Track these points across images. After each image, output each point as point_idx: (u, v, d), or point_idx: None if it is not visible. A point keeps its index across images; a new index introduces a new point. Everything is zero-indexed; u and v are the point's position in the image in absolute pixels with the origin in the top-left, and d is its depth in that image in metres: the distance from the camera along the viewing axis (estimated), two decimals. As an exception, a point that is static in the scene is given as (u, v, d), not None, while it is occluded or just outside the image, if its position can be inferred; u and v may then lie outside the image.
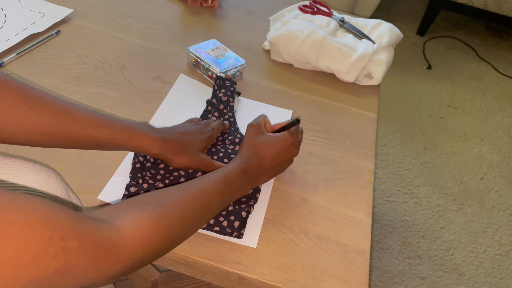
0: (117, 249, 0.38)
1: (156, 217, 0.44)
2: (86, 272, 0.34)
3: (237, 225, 0.60)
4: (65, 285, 0.33)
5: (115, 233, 0.38)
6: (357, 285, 0.60)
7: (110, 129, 0.56)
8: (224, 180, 0.56)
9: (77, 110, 0.55)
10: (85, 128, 0.55)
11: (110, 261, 0.37)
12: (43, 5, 0.98)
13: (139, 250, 0.41)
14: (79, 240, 0.33)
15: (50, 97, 0.53)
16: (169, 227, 0.45)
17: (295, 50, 0.94)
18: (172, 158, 0.63)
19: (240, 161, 0.61)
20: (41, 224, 0.31)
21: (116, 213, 0.41)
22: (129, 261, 0.40)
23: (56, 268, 0.31)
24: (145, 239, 0.41)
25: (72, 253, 0.33)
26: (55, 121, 0.52)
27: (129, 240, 0.39)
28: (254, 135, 0.64)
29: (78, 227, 0.34)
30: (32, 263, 0.30)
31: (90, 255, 0.35)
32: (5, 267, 0.28)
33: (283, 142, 0.64)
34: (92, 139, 0.56)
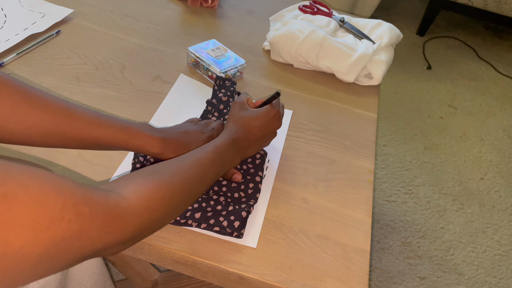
0: (125, 214, 0.41)
1: (157, 185, 0.46)
2: (99, 236, 0.37)
3: (237, 225, 0.60)
4: (82, 249, 0.36)
5: (122, 200, 0.41)
6: (357, 285, 0.60)
7: (110, 129, 0.57)
8: (215, 151, 0.58)
9: (77, 109, 0.55)
10: (85, 128, 0.55)
11: (120, 225, 0.40)
12: (43, 5, 0.98)
13: (145, 215, 0.43)
14: (90, 206, 0.36)
15: (51, 96, 0.54)
16: (170, 193, 0.48)
17: (295, 50, 0.94)
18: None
19: (228, 134, 0.63)
20: (54, 191, 0.33)
21: (120, 184, 0.44)
22: (137, 226, 0.42)
23: (72, 232, 0.34)
24: (150, 205, 0.44)
25: (85, 218, 0.35)
26: (55, 120, 0.53)
27: (135, 205, 0.42)
28: (238, 110, 0.67)
29: (87, 194, 0.36)
30: (50, 227, 0.32)
31: (102, 220, 0.37)
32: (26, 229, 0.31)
33: (266, 115, 0.67)
34: (93, 139, 0.56)
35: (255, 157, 0.72)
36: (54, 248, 0.33)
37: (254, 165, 0.71)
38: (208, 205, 0.62)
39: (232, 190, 0.66)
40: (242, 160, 0.71)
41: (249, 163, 0.71)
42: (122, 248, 0.44)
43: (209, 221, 0.61)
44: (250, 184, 0.68)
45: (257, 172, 0.70)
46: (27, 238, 0.31)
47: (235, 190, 0.66)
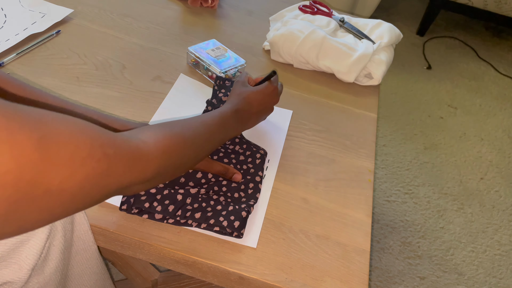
0: (145, 155, 0.45)
1: (171, 134, 0.51)
2: (124, 174, 0.42)
3: (237, 225, 0.60)
4: (110, 185, 0.40)
5: (141, 144, 0.45)
6: (357, 285, 0.60)
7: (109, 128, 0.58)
8: (220, 117, 0.63)
9: (77, 109, 0.58)
10: None
11: (141, 165, 0.44)
12: (43, 5, 0.98)
13: (162, 158, 0.48)
14: (114, 147, 0.40)
15: (51, 96, 0.55)
16: (183, 143, 0.52)
17: (295, 50, 0.94)
18: None
19: (231, 104, 0.67)
20: (83, 134, 0.37)
21: (137, 132, 0.48)
22: (156, 168, 0.47)
23: (102, 170, 0.38)
24: (166, 150, 0.48)
25: (111, 158, 0.39)
26: None
27: (153, 149, 0.46)
28: (241, 86, 0.72)
29: (111, 138, 0.40)
30: (83, 164, 0.36)
31: (126, 160, 0.42)
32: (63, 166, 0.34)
33: (266, 90, 0.72)
34: None
35: (255, 157, 0.72)
36: (88, 183, 0.37)
37: (254, 165, 0.71)
38: (208, 205, 0.62)
39: (232, 190, 0.66)
40: (242, 160, 0.71)
41: (249, 163, 0.71)
42: (143, 188, 0.48)
43: (209, 221, 0.61)
44: (250, 184, 0.68)
45: (257, 172, 0.70)
46: (65, 174, 0.34)
47: (235, 190, 0.66)
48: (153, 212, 0.60)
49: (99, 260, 0.69)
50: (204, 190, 0.64)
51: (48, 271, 0.57)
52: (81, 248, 0.62)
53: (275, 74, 0.73)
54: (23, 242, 0.52)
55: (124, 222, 0.61)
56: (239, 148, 0.73)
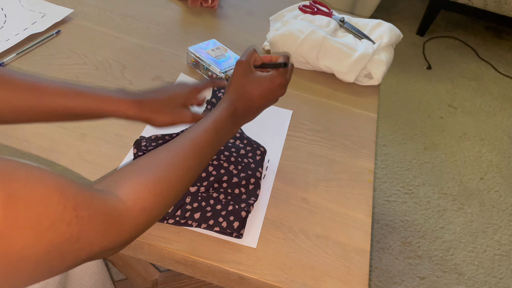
0: (122, 217, 0.41)
1: (153, 183, 0.46)
2: (97, 239, 0.38)
3: (237, 225, 0.60)
4: (79, 252, 0.36)
5: (119, 203, 0.41)
6: (357, 285, 0.60)
7: (80, 97, 0.56)
8: (214, 128, 0.55)
9: (45, 83, 0.55)
10: (54, 99, 0.55)
11: (117, 228, 0.40)
12: (43, 5, 0.98)
13: (141, 216, 0.43)
14: (89, 209, 0.36)
15: (18, 74, 0.54)
16: (167, 189, 0.47)
17: (295, 50, 0.94)
18: (151, 118, 0.61)
19: (228, 103, 0.59)
20: (57, 193, 0.34)
21: (115, 183, 0.44)
22: (134, 228, 0.43)
23: (71, 234, 0.34)
24: (146, 205, 0.44)
25: (84, 221, 0.36)
26: (23, 96, 0.53)
27: (132, 208, 0.42)
28: (243, 74, 0.61)
29: (87, 197, 0.37)
30: (51, 228, 0.33)
31: (100, 223, 0.38)
32: (28, 229, 0.31)
33: (271, 83, 0.61)
34: (64, 110, 0.55)
35: (255, 153, 0.72)
36: (54, 250, 0.33)
37: (255, 161, 0.71)
38: (207, 205, 0.62)
39: (233, 186, 0.66)
40: (242, 154, 0.71)
41: (249, 158, 0.71)
42: (118, 250, 0.44)
43: (208, 221, 0.61)
44: (251, 179, 0.67)
45: (257, 167, 0.70)
46: (29, 239, 0.31)
47: (236, 186, 0.66)
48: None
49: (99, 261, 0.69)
50: (204, 188, 0.64)
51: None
52: (81, 248, 0.62)
53: (286, 66, 0.61)
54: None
55: (124, 222, 0.61)
56: (240, 143, 0.73)
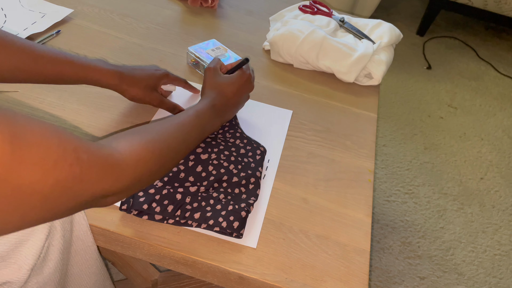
0: (119, 164, 0.44)
1: (146, 141, 0.50)
2: (98, 182, 0.41)
3: (236, 225, 0.60)
4: (82, 192, 0.40)
5: (115, 153, 0.45)
6: (357, 285, 0.60)
7: (70, 65, 0.64)
8: (196, 115, 0.62)
9: (41, 49, 0.62)
10: (49, 64, 0.62)
11: (116, 173, 0.43)
12: (43, 5, 0.98)
13: (138, 167, 0.47)
14: (87, 153, 0.40)
15: (17, 37, 0.60)
16: (159, 149, 0.52)
17: (295, 50, 0.94)
18: (126, 90, 0.71)
19: (207, 100, 0.67)
20: (55, 137, 0.37)
21: (111, 140, 0.48)
22: (131, 176, 0.46)
23: (74, 174, 0.38)
24: (141, 158, 0.48)
25: (84, 163, 0.39)
26: (22, 58, 0.59)
27: (128, 158, 0.46)
28: (213, 77, 0.71)
29: (84, 144, 0.40)
30: (55, 166, 0.36)
31: (99, 167, 0.41)
32: (35, 166, 0.34)
33: (240, 79, 0.72)
34: (56, 74, 0.64)
35: (255, 152, 0.72)
36: (59, 187, 0.37)
37: (255, 160, 0.71)
38: (207, 205, 0.62)
39: (233, 186, 0.66)
40: (243, 154, 0.71)
41: (250, 157, 0.71)
42: (118, 198, 0.47)
43: (208, 221, 0.61)
44: (251, 178, 0.67)
45: (257, 167, 0.70)
46: (37, 175, 0.34)
47: (236, 185, 0.66)
48: (152, 213, 0.60)
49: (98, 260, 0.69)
50: (203, 188, 0.64)
51: (47, 271, 0.57)
52: (81, 248, 0.62)
53: (247, 61, 0.72)
54: (22, 242, 0.52)
55: (124, 222, 0.61)
56: (240, 142, 0.73)
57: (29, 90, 0.77)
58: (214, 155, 0.68)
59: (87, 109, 0.77)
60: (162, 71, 0.76)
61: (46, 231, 0.54)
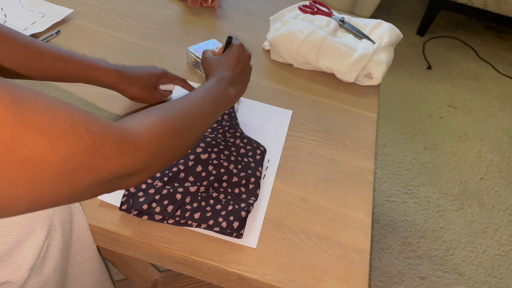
0: (133, 138, 0.43)
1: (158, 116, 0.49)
2: (113, 157, 0.39)
3: (236, 225, 0.60)
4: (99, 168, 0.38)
5: (128, 127, 0.43)
6: (357, 285, 0.60)
7: (72, 62, 0.65)
8: (205, 90, 0.61)
9: (43, 46, 0.62)
10: (51, 61, 0.63)
11: (131, 147, 0.42)
12: (43, 5, 0.98)
13: (153, 141, 0.45)
14: (99, 126, 0.38)
15: (20, 34, 0.60)
16: (172, 123, 0.50)
17: (295, 50, 0.94)
18: (127, 88, 0.72)
19: (212, 78, 0.66)
20: (63, 107, 0.35)
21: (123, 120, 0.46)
22: (148, 151, 0.44)
23: (86, 146, 0.36)
24: (155, 132, 0.46)
25: (96, 136, 0.37)
26: (25, 54, 0.60)
27: (141, 132, 0.44)
28: (210, 62, 0.72)
29: (94, 117, 0.38)
30: (64, 136, 0.34)
31: (112, 140, 0.39)
32: (41, 134, 0.32)
33: (233, 51, 0.72)
34: (57, 71, 0.64)
35: (255, 152, 0.72)
36: (72, 160, 0.35)
37: (255, 160, 0.71)
38: (207, 205, 0.62)
39: (233, 186, 0.66)
40: (243, 153, 0.71)
41: (249, 157, 0.71)
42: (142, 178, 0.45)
43: (208, 221, 0.61)
44: (251, 178, 0.67)
45: (257, 167, 0.70)
46: (44, 143, 0.32)
47: (236, 185, 0.66)
48: (152, 213, 0.60)
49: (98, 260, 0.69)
50: (203, 188, 0.64)
51: (47, 271, 0.57)
52: (80, 248, 0.62)
53: (231, 38, 0.73)
54: (22, 242, 0.52)
55: (124, 222, 0.61)
56: (240, 142, 0.73)
57: (29, 90, 0.77)
58: (214, 155, 0.68)
59: (87, 109, 0.76)
60: (161, 70, 0.77)
61: (45, 231, 0.54)
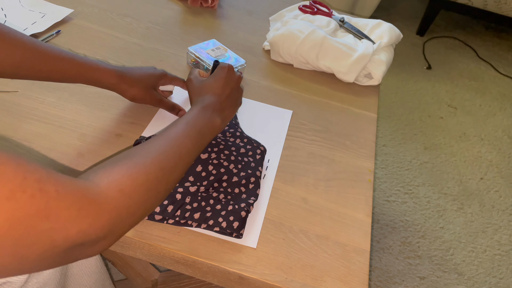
0: (97, 197, 0.38)
1: (128, 167, 0.44)
2: (71, 220, 0.34)
3: (236, 225, 0.60)
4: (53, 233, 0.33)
5: (92, 185, 0.38)
6: (357, 285, 0.60)
7: (72, 63, 0.65)
8: (186, 123, 0.57)
9: (44, 46, 0.63)
10: (51, 61, 0.63)
11: (94, 209, 0.37)
12: (43, 5, 0.98)
13: (120, 199, 0.40)
14: (56, 185, 0.34)
15: (20, 33, 0.60)
16: (145, 174, 0.45)
17: (295, 50, 0.94)
18: (126, 89, 0.71)
19: (196, 106, 0.62)
20: (13, 163, 0.31)
21: (89, 173, 0.42)
22: (113, 211, 0.39)
23: (37, 209, 0.32)
24: (123, 188, 0.41)
25: (51, 196, 0.33)
26: (25, 54, 0.60)
27: (107, 189, 0.39)
28: (195, 84, 0.68)
29: (52, 174, 0.34)
30: (10, 198, 0.30)
31: (71, 201, 0.34)
32: None
33: (221, 72, 0.67)
34: (57, 72, 0.64)
35: (255, 152, 0.72)
36: (19, 225, 0.31)
37: (255, 160, 0.71)
38: (207, 204, 0.62)
39: (233, 186, 0.66)
40: (243, 153, 0.71)
41: (249, 157, 0.71)
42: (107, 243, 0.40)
43: (208, 221, 0.61)
44: (251, 178, 0.67)
45: (257, 166, 0.70)
46: None
47: (236, 185, 0.66)
48: (152, 213, 0.60)
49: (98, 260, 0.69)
50: (203, 188, 0.64)
51: (48, 271, 0.57)
52: (81, 248, 0.62)
53: (218, 62, 0.70)
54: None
55: (124, 222, 0.61)
56: (240, 142, 0.73)
57: (29, 90, 0.77)
58: (214, 155, 0.68)
59: (87, 109, 0.77)
60: (160, 71, 0.76)
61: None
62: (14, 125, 0.71)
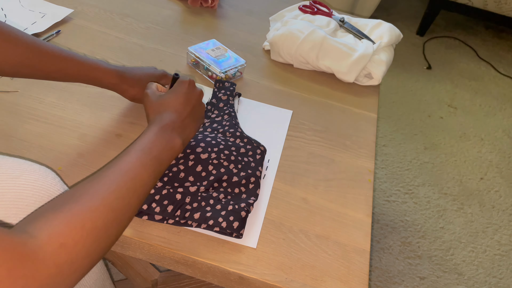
0: (34, 254, 0.34)
1: (72, 214, 0.39)
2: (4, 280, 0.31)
3: (236, 225, 0.60)
4: None
5: (29, 239, 0.34)
6: (357, 285, 0.60)
7: (73, 62, 0.65)
8: (141, 150, 0.51)
9: (45, 45, 0.62)
10: (52, 61, 0.63)
11: (29, 267, 0.33)
12: (43, 5, 0.98)
13: (62, 254, 0.36)
14: None
15: (21, 32, 0.60)
16: (91, 220, 0.40)
17: (295, 50, 0.94)
18: (127, 89, 0.71)
19: (153, 125, 0.57)
20: None
21: (26, 223, 0.37)
22: (54, 269, 0.35)
23: None
24: (66, 240, 0.37)
25: None
26: (26, 54, 0.60)
27: (46, 244, 0.35)
28: (152, 99, 0.62)
29: None
30: None
31: (5, 257, 0.32)
32: None
33: (181, 88, 0.62)
34: (58, 71, 0.64)
35: (255, 152, 0.72)
36: None
37: (255, 160, 0.71)
38: (207, 204, 0.62)
39: (233, 185, 0.66)
40: (243, 153, 0.71)
41: (249, 157, 0.71)
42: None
43: (208, 221, 0.61)
44: (251, 178, 0.67)
45: (257, 166, 0.70)
46: None
47: (236, 185, 0.66)
48: (152, 213, 0.60)
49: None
50: (203, 188, 0.64)
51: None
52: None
53: (178, 76, 0.66)
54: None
55: (124, 222, 0.61)
56: (240, 142, 0.73)
57: (29, 89, 0.77)
58: (214, 155, 0.68)
59: (87, 109, 0.77)
60: (161, 71, 0.76)
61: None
62: (14, 125, 0.71)
